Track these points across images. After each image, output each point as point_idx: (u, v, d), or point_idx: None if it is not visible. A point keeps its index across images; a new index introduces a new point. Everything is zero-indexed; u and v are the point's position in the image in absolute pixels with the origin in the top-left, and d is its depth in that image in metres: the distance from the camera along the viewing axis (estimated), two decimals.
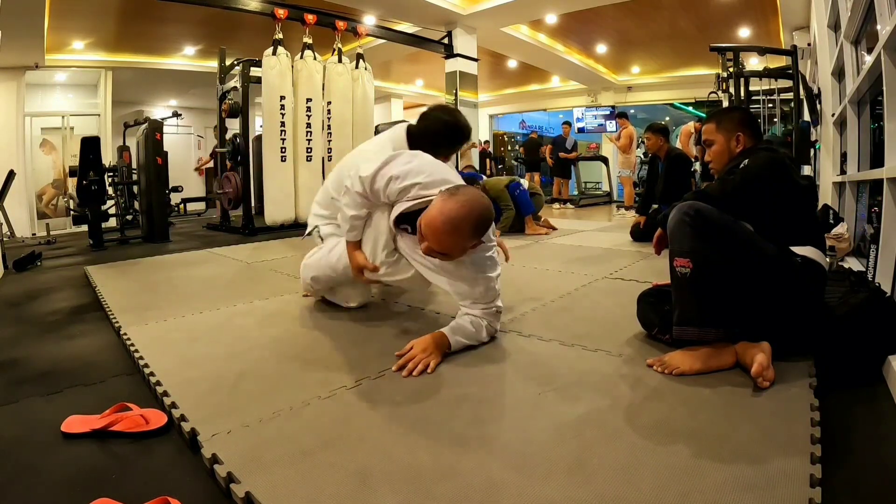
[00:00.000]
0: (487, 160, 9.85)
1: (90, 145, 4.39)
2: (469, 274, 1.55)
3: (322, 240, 2.02)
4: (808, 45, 5.53)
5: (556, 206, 8.08)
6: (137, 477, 0.98)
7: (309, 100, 4.89)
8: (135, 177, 5.73)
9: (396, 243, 1.69)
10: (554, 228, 4.68)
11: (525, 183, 4.75)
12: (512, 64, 10.49)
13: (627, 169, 7.44)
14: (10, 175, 5.67)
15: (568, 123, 8.59)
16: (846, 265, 2.40)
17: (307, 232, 2.10)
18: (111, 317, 2.06)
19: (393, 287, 2.06)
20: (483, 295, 1.58)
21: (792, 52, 4.80)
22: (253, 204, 5.25)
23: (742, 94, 5.15)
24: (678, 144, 6.36)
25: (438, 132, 1.94)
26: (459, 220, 1.35)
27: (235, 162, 5.37)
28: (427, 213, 1.39)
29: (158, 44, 7.88)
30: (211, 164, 6.79)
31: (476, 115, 8.50)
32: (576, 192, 9.71)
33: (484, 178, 5.19)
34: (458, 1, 7.12)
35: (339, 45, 5.21)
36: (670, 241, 1.40)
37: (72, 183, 6.22)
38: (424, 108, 2.11)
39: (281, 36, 4.75)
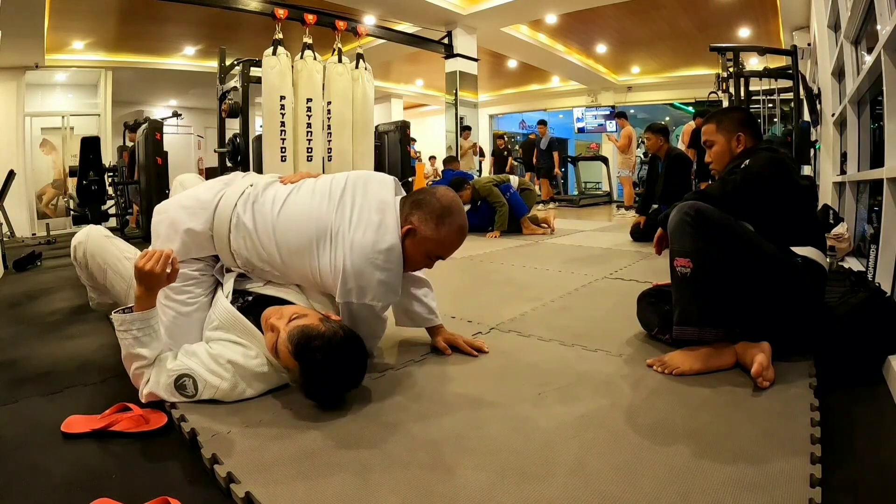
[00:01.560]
0: (509, 159, 9.68)
1: (90, 145, 4.40)
2: None
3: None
4: (808, 45, 5.53)
5: (540, 206, 8.06)
6: (137, 477, 0.98)
7: (309, 100, 4.88)
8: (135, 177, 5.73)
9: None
10: (552, 229, 4.66)
11: (514, 180, 4.75)
12: (512, 64, 10.48)
13: (627, 169, 7.43)
14: (10, 175, 5.67)
15: (543, 123, 8.58)
16: (846, 265, 2.40)
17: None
18: (111, 317, 2.05)
19: None
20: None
21: (792, 52, 4.80)
22: None
23: (742, 94, 5.14)
24: (679, 144, 6.36)
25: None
26: (465, 223, 1.41)
27: (235, 162, 5.37)
28: (437, 235, 1.34)
29: (158, 44, 7.87)
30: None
31: (476, 115, 8.49)
32: (576, 192, 9.72)
33: (475, 177, 5.24)
34: (458, 1, 7.11)
35: (339, 45, 5.20)
36: (671, 240, 1.40)
37: (72, 183, 6.21)
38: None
39: (281, 36, 4.74)
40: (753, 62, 7.02)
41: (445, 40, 7.58)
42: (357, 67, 5.23)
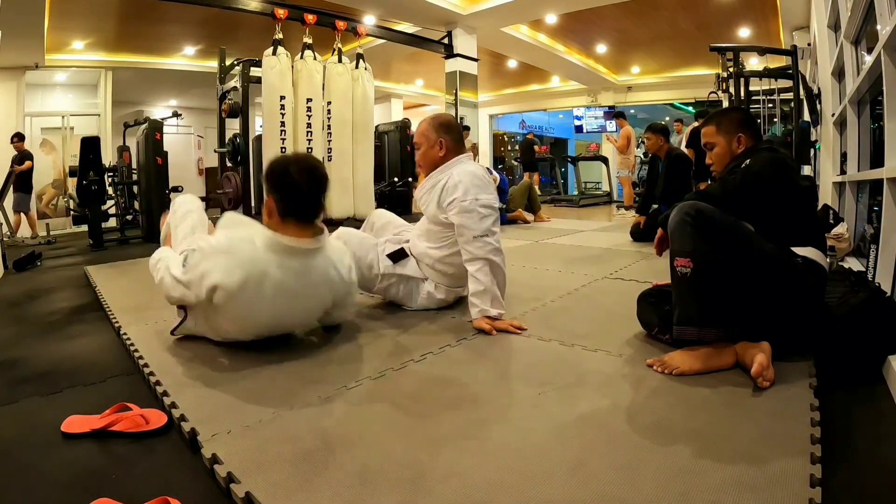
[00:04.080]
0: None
1: (90, 145, 4.39)
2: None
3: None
4: (808, 45, 5.53)
5: None
6: (137, 477, 0.98)
7: (309, 100, 4.89)
8: (135, 177, 5.73)
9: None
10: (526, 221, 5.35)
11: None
12: (512, 64, 10.48)
13: (626, 169, 7.41)
14: (10, 175, 5.68)
15: None
16: (846, 265, 2.39)
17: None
18: (111, 317, 2.06)
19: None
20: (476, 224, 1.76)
21: (792, 52, 4.80)
22: (253, 204, 5.25)
23: (742, 94, 5.14)
24: (682, 145, 6.36)
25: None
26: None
27: (235, 162, 5.37)
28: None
29: (158, 44, 7.87)
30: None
31: (476, 115, 8.49)
32: (576, 192, 9.73)
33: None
34: (458, 1, 7.11)
35: (339, 45, 5.21)
36: (671, 240, 1.40)
37: (72, 183, 6.20)
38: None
39: (281, 36, 4.74)
40: (753, 62, 7.02)
41: (445, 40, 7.58)
42: (357, 67, 5.23)
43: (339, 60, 5.13)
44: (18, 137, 6.31)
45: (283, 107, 4.72)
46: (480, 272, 1.72)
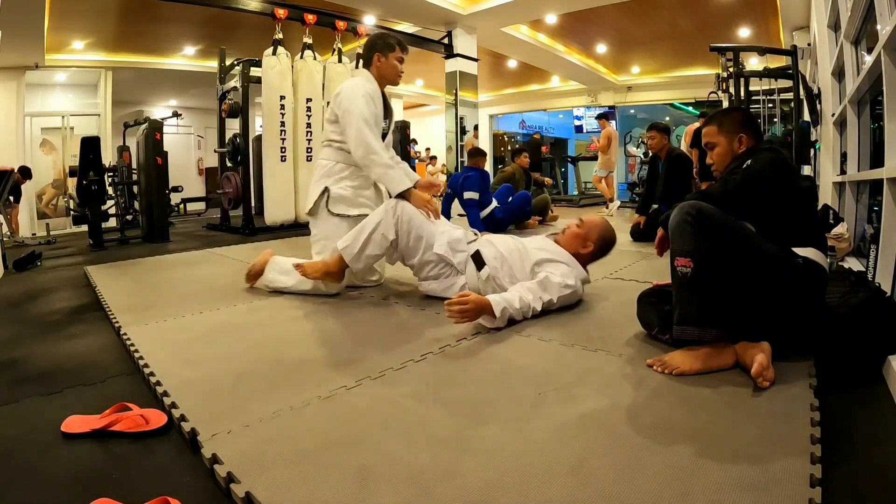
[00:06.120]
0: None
1: (90, 145, 4.40)
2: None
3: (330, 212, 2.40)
4: (808, 45, 5.53)
5: None
6: (137, 477, 0.98)
7: (309, 100, 4.89)
8: (135, 177, 5.73)
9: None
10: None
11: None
12: (512, 64, 10.49)
13: (605, 170, 7.35)
14: (10, 174, 5.67)
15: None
16: (846, 265, 2.39)
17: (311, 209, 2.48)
18: (111, 317, 2.06)
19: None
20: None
21: (792, 52, 4.80)
22: (253, 204, 5.26)
23: (742, 94, 5.15)
24: (682, 145, 6.35)
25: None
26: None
27: (235, 162, 5.38)
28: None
29: (158, 44, 7.88)
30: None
31: (476, 115, 8.49)
32: (576, 192, 9.74)
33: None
34: (458, 1, 7.12)
35: (339, 45, 5.22)
36: (671, 240, 1.40)
37: (72, 183, 6.20)
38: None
39: (281, 36, 4.75)
40: (753, 62, 7.02)
41: (445, 40, 7.58)
42: (357, 67, 5.23)
43: (339, 60, 5.14)
44: None
45: (283, 107, 4.73)
46: (531, 293, 1.83)
